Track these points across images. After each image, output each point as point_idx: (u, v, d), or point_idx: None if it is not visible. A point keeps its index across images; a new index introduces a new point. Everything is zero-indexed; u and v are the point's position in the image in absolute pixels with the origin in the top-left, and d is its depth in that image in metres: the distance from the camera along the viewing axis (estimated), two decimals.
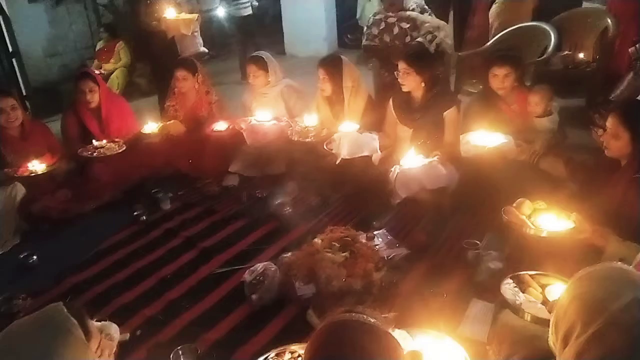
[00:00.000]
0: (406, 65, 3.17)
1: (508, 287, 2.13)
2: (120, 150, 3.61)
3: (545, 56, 4.46)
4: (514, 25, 4.72)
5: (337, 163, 3.28)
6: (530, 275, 2.18)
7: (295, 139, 3.56)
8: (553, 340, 1.26)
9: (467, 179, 3.04)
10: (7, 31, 5.94)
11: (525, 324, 1.94)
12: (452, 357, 1.71)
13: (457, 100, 3.50)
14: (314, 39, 7.84)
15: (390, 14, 4.00)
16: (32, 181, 3.24)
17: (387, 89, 3.86)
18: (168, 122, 3.98)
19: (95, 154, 3.59)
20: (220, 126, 3.87)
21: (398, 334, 1.73)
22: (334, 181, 3.39)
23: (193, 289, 2.60)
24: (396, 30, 3.97)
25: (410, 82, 3.21)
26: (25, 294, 2.52)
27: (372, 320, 1.15)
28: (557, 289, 2.07)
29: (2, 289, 2.55)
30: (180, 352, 2.06)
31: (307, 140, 3.53)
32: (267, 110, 3.87)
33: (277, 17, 8.37)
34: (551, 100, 3.19)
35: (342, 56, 3.69)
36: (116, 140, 3.72)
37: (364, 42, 4.23)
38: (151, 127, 3.93)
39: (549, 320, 1.39)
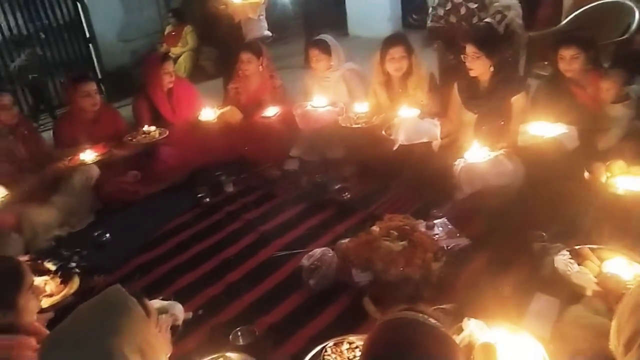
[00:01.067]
0: (475, 49, 3.04)
1: (562, 258, 2.09)
2: (161, 137, 3.66)
3: (627, 35, 4.13)
4: (590, 3, 4.39)
5: (394, 149, 3.21)
6: (591, 249, 2.12)
7: (342, 125, 3.53)
8: (615, 344, 1.22)
9: (529, 169, 2.89)
10: (85, 18, 6.27)
11: (592, 321, 1.85)
12: (528, 353, 1.65)
13: (526, 85, 3.32)
14: (378, 19, 7.69)
15: None
16: (104, 163, 3.40)
17: (452, 72, 3.71)
18: (225, 109, 3.99)
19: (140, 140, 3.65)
20: (270, 112, 3.87)
21: (474, 323, 1.70)
22: (393, 167, 3.33)
23: (253, 271, 2.66)
24: (463, 10, 3.80)
25: (479, 67, 3.07)
26: (99, 270, 2.68)
27: (433, 321, 1.13)
28: (616, 263, 2.05)
29: (80, 264, 2.70)
30: (239, 333, 2.14)
31: (355, 126, 3.49)
32: (329, 95, 3.86)
33: None
34: (626, 84, 2.95)
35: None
36: (162, 128, 3.77)
37: (428, 23, 4.08)
38: (208, 114, 3.95)
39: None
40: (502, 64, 3.15)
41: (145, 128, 3.74)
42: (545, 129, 2.95)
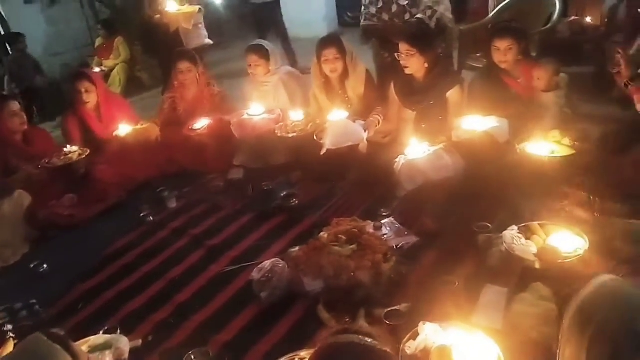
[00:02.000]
0: (409, 47, 3.07)
1: (509, 233, 2.16)
2: (82, 157, 3.51)
3: (550, 24, 4.31)
4: None
5: (322, 154, 3.23)
6: (540, 225, 2.18)
7: (279, 135, 3.53)
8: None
9: (467, 163, 2.96)
10: (5, 32, 5.94)
11: (538, 309, 1.90)
12: (484, 352, 1.66)
13: (460, 79, 3.40)
14: (314, 19, 7.69)
15: None
16: (36, 188, 3.22)
17: (388, 70, 3.76)
18: (143, 126, 3.90)
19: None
20: (199, 124, 3.80)
21: (430, 327, 1.70)
22: (338, 169, 3.32)
23: (202, 289, 2.58)
24: (394, 8, 3.84)
25: (414, 64, 3.11)
26: (39, 304, 2.52)
27: (369, 341, 1.12)
28: (561, 236, 2.19)
29: (17, 299, 2.54)
30: (192, 356, 2.06)
31: (290, 135, 3.50)
32: (269, 100, 3.82)
33: None
34: (556, 74, 3.07)
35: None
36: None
37: (362, 22, 4.11)
38: (124, 129, 3.82)
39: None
40: (435, 59, 3.20)
41: (66, 149, 3.56)
42: (477, 123, 3.03)
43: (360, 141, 3.24)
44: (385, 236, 2.54)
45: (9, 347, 2.11)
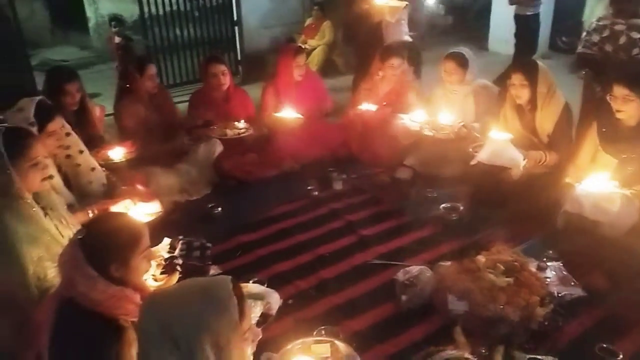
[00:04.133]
0: (628, 91, 2.71)
1: None
2: (240, 136, 3.65)
3: None
4: None
5: (471, 164, 3.18)
6: None
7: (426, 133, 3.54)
8: None
9: None
10: (235, 2, 6.66)
11: None
12: None
13: None
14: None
15: (620, 20, 3.50)
16: (227, 142, 3.60)
17: (595, 105, 3.41)
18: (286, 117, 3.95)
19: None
20: (369, 107, 3.85)
21: None
22: (510, 195, 3.12)
23: (346, 273, 2.66)
24: (623, 39, 3.46)
25: (630, 110, 2.73)
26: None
27: None
28: None
29: (188, 233, 2.86)
30: (323, 331, 2.14)
31: (440, 135, 3.50)
32: (454, 109, 3.73)
33: (483, 11, 7.94)
34: None
35: (536, 60, 3.36)
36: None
37: (579, 48, 3.78)
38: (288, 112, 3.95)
39: None
40: None
41: (237, 123, 3.75)
42: None
43: (516, 167, 3.07)
44: (547, 280, 2.33)
45: (174, 279, 2.20)
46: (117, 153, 3.15)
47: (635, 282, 2.40)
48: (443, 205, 3.13)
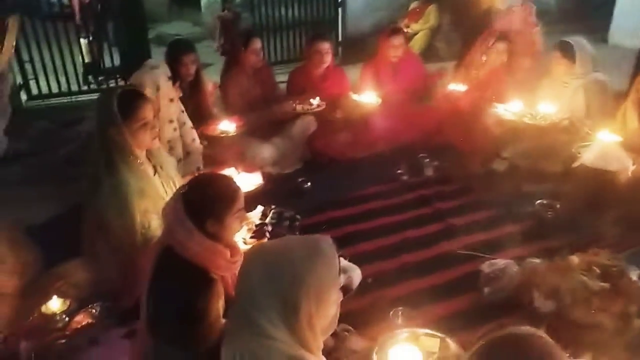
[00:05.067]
0: None
1: None
2: (312, 110, 3.66)
3: None
4: None
5: (573, 166, 3.04)
6: None
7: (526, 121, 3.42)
8: None
9: None
10: None
11: None
12: None
13: None
14: None
15: None
16: (321, 120, 3.68)
17: None
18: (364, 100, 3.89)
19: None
20: (457, 87, 3.81)
21: None
22: (615, 199, 2.91)
23: (430, 260, 2.65)
24: None
25: None
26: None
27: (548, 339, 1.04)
28: None
29: (279, 204, 2.91)
30: (399, 312, 2.16)
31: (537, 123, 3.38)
32: (563, 103, 3.52)
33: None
34: None
35: None
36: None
37: None
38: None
39: None
40: None
41: (312, 100, 3.73)
42: None
43: (624, 170, 2.87)
44: None
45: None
46: (227, 126, 3.30)
47: None
48: (539, 201, 2.98)
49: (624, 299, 2.01)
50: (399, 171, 3.43)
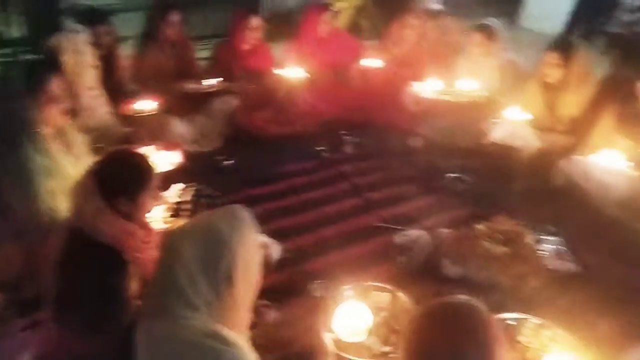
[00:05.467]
0: None
1: None
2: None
3: None
4: None
5: (484, 143, 3.28)
6: None
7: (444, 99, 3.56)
8: None
9: None
10: None
11: None
12: None
13: None
14: (557, 16, 7.02)
15: None
16: (243, 97, 3.64)
17: (617, 87, 3.35)
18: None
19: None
20: (371, 62, 3.87)
21: None
22: (520, 171, 3.14)
23: (347, 233, 2.71)
24: None
25: None
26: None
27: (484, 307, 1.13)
28: None
29: (199, 182, 2.86)
30: (319, 285, 2.22)
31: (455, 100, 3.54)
32: (476, 79, 3.70)
33: None
34: None
35: (574, 40, 3.31)
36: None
37: (610, 28, 3.70)
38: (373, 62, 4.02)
39: None
40: None
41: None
42: None
43: (527, 148, 3.16)
44: (544, 253, 2.36)
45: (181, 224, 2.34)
46: (143, 105, 3.19)
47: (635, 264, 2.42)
48: (450, 174, 3.14)
49: (520, 261, 2.18)
50: (320, 148, 3.48)
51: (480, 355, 1.07)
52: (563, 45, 3.23)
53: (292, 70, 3.86)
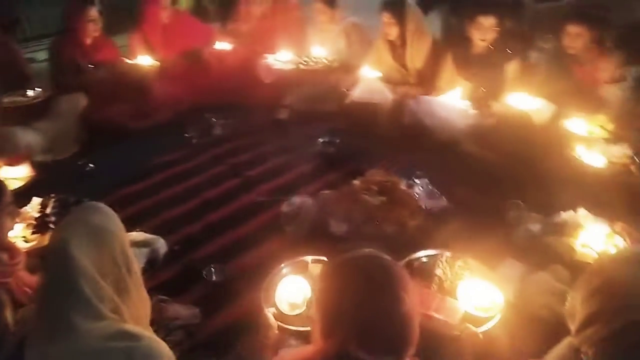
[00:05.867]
0: (494, 21, 3.03)
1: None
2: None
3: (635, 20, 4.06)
4: None
5: (345, 102, 3.44)
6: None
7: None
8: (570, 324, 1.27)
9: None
10: None
11: (553, 288, 1.91)
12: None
13: (523, 55, 3.30)
14: None
15: None
16: (94, 93, 3.37)
17: (451, 36, 3.69)
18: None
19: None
20: (222, 45, 3.92)
21: None
22: (384, 125, 3.34)
23: (233, 213, 2.69)
24: None
25: (491, 35, 3.07)
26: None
27: (385, 256, 1.18)
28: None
29: (62, 192, 2.68)
30: (212, 269, 2.18)
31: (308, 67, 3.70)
32: (327, 47, 3.84)
33: None
34: (622, 66, 2.93)
35: None
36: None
37: None
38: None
39: None
40: (502, 32, 3.12)
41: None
42: (522, 101, 2.98)
43: (384, 101, 3.36)
44: (416, 195, 2.55)
45: (46, 239, 2.13)
46: None
47: (490, 192, 2.71)
48: (321, 139, 3.23)
49: (398, 207, 2.34)
50: (188, 135, 3.37)
51: (386, 301, 1.10)
52: (393, 5, 3.44)
53: (141, 59, 3.66)
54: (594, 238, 2.12)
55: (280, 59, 3.77)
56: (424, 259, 2.06)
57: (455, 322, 1.76)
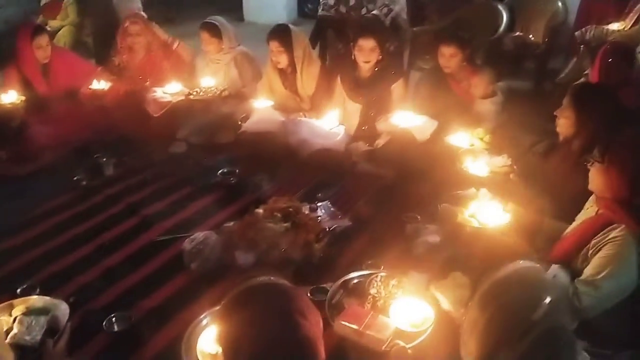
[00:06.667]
0: (375, 43, 3.19)
1: None
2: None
3: (496, 36, 4.52)
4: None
5: (239, 134, 3.49)
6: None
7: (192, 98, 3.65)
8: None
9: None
10: None
11: (455, 295, 2.02)
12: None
13: (404, 73, 3.54)
14: (273, 7, 7.67)
15: None
16: None
17: (339, 61, 3.84)
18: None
19: None
20: (99, 85, 3.81)
21: None
22: (282, 153, 3.37)
23: (132, 256, 2.55)
24: (352, 1, 3.93)
25: (374, 58, 3.22)
26: None
27: (281, 281, 1.18)
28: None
29: None
30: (113, 319, 2.05)
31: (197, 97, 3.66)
32: (219, 77, 3.83)
33: None
34: (493, 83, 3.25)
35: (289, 25, 3.65)
36: None
37: (319, 12, 4.19)
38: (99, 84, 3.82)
39: None
40: (385, 55, 3.31)
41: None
42: (404, 119, 3.17)
43: (277, 129, 3.42)
44: (319, 218, 2.60)
45: None
46: None
47: (388, 208, 2.83)
48: (220, 171, 3.19)
49: (303, 231, 2.36)
50: (76, 178, 3.15)
51: (282, 328, 1.10)
52: (279, 33, 3.52)
53: (4, 96, 3.45)
54: (483, 210, 2.27)
55: (169, 91, 3.68)
56: (359, 279, 2.11)
57: (385, 338, 1.79)
